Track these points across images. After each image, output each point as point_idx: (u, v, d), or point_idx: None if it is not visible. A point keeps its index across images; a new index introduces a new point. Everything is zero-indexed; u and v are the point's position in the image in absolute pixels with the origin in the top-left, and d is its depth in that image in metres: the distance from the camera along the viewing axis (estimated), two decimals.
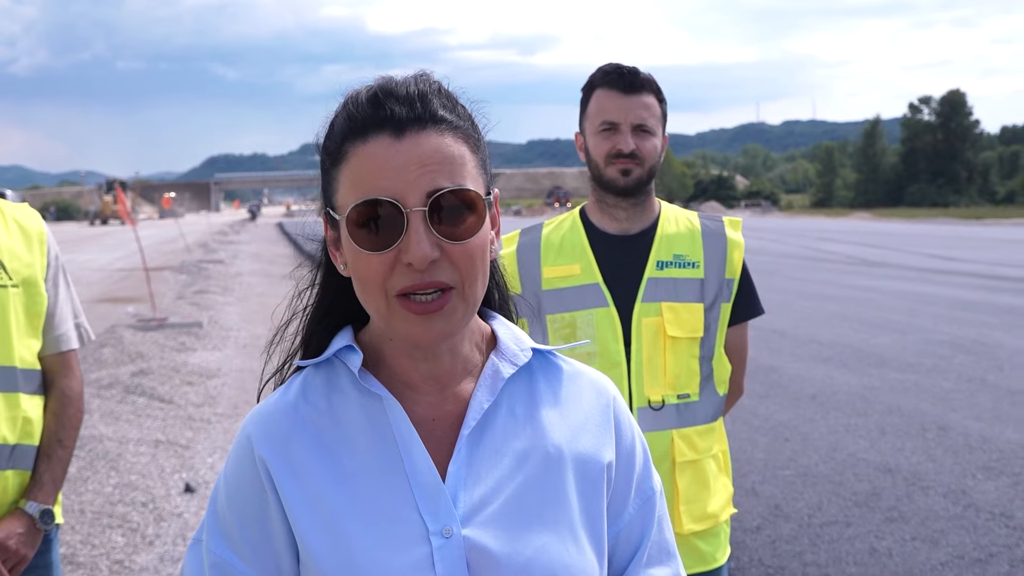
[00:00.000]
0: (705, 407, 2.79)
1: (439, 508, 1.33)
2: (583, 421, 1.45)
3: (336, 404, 1.40)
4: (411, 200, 1.29)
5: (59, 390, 2.84)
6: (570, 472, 1.40)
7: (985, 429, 8.42)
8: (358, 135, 1.33)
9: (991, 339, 13.17)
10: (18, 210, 2.86)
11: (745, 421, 8.75)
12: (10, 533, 2.68)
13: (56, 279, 2.87)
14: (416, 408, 1.39)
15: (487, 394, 1.40)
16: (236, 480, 1.39)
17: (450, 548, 1.31)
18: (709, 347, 2.79)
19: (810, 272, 25.04)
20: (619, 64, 2.80)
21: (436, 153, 1.31)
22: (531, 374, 1.46)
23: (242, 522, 1.37)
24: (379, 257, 1.30)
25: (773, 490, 6.92)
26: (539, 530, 1.35)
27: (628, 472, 1.48)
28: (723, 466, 2.86)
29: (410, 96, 1.33)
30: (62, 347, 2.87)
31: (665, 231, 2.83)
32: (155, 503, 6.74)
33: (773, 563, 5.61)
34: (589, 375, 1.52)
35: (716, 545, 2.81)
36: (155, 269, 25.64)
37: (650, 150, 2.77)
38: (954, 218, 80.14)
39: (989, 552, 5.69)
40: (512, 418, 1.41)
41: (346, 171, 1.33)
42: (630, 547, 1.48)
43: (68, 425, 2.83)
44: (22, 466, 2.74)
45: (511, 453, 1.39)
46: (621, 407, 1.50)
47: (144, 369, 11.09)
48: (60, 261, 2.90)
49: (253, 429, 1.39)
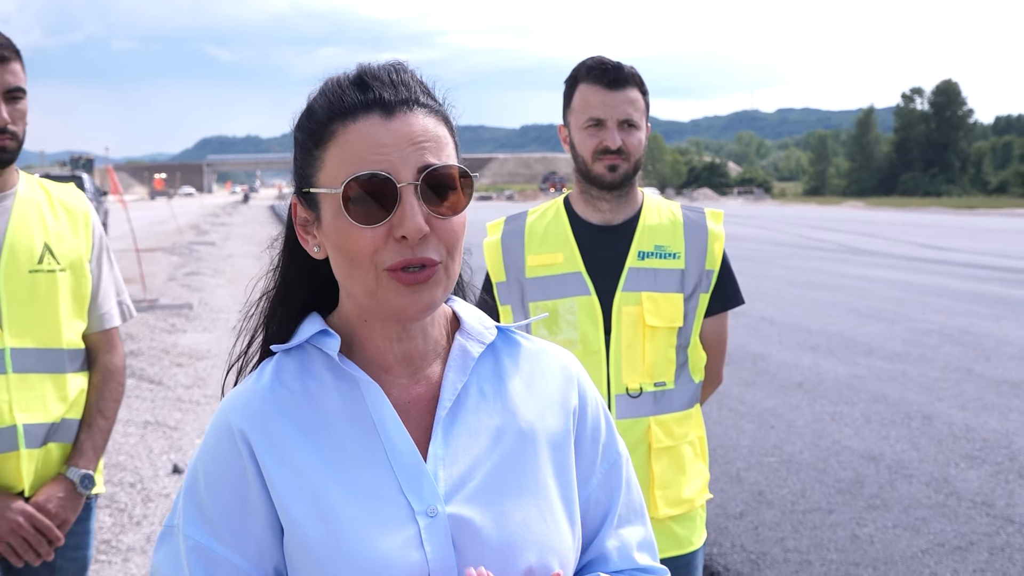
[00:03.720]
0: (681, 395, 2.83)
1: (423, 488, 1.35)
2: (549, 395, 1.49)
3: (311, 388, 1.41)
4: (404, 175, 1.33)
5: (102, 365, 2.94)
6: (543, 446, 1.45)
7: (969, 418, 8.48)
8: (347, 115, 1.36)
9: (979, 329, 13.23)
10: (64, 192, 2.93)
11: (731, 408, 8.80)
12: (50, 497, 2.77)
13: (100, 259, 2.94)
14: (391, 391, 1.42)
15: (459, 374, 1.44)
16: (215, 463, 1.38)
17: (436, 526, 1.34)
18: (686, 336, 2.83)
19: (801, 260, 25.08)
20: (603, 58, 2.81)
21: (424, 132, 1.35)
22: (495, 353, 1.50)
23: (222, 504, 1.36)
24: (371, 231, 1.32)
25: (757, 476, 6.97)
26: (519, 504, 1.39)
27: (594, 440, 1.52)
28: (699, 452, 2.91)
29: (393, 80, 1.38)
30: (106, 325, 2.95)
31: (647, 222, 2.86)
32: (143, 484, 6.78)
33: (755, 549, 5.66)
34: (551, 351, 1.56)
35: (692, 529, 2.85)
36: (146, 250, 25.60)
37: (636, 144, 2.80)
38: (946, 207, 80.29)
39: (969, 540, 5.74)
40: (482, 397, 1.45)
41: (333, 149, 1.36)
42: (600, 510, 1.52)
43: (110, 398, 2.93)
44: (65, 439, 2.84)
45: (485, 431, 1.42)
46: (584, 380, 1.55)
47: (134, 350, 11.11)
48: (104, 241, 2.97)
49: (231, 411, 1.39)
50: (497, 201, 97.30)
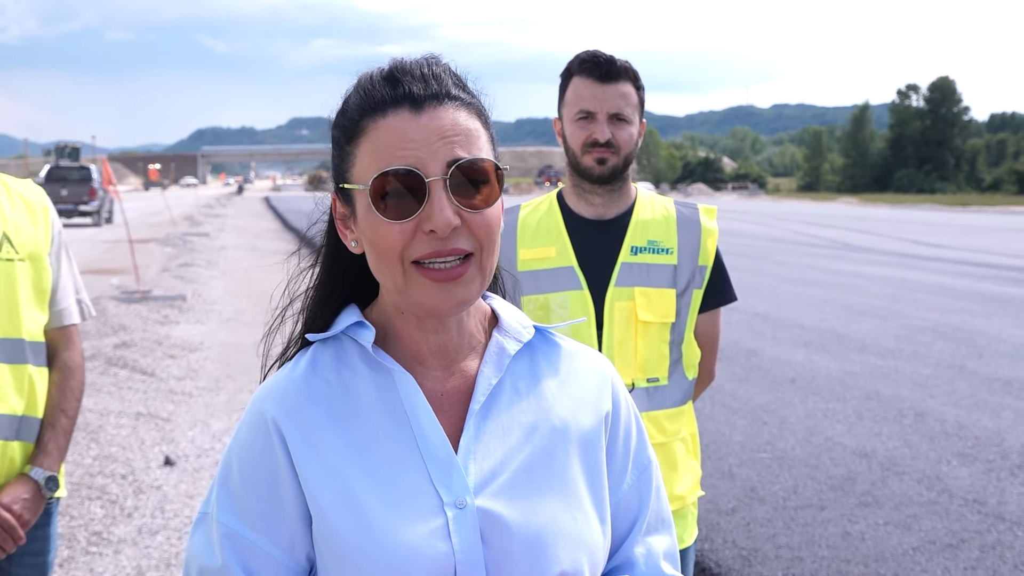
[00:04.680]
0: (674, 391, 2.83)
1: (452, 480, 1.37)
2: (583, 396, 1.50)
3: (346, 378, 1.44)
4: (432, 169, 1.34)
5: (62, 362, 2.88)
6: (574, 444, 1.46)
7: (962, 416, 8.49)
8: (377, 111, 1.37)
9: (972, 326, 13.25)
10: (22, 185, 2.89)
11: (723, 404, 8.81)
12: (15, 498, 2.72)
13: (59, 254, 2.90)
14: (424, 383, 1.43)
15: (494, 370, 1.45)
16: (248, 452, 1.41)
17: (464, 518, 1.35)
18: (679, 332, 2.83)
19: (795, 256, 25.10)
20: (596, 52, 2.82)
21: (454, 126, 1.36)
22: (532, 352, 1.51)
23: (255, 493, 1.39)
24: (400, 226, 1.34)
25: (749, 473, 6.97)
26: (548, 500, 1.40)
27: (626, 446, 1.53)
28: (691, 449, 2.91)
29: (424, 75, 1.39)
30: (64, 321, 2.90)
31: (640, 217, 2.86)
32: (135, 475, 6.76)
33: (747, 545, 5.66)
34: (587, 354, 1.57)
35: (683, 527, 2.86)
36: (140, 241, 25.57)
37: (626, 138, 2.79)
38: (940, 204, 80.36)
39: (961, 538, 5.75)
40: (516, 394, 1.46)
41: (364, 145, 1.38)
42: (629, 516, 1.53)
43: (71, 396, 2.88)
44: (27, 437, 2.78)
45: (518, 427, 1.43)
46: (618, 384, 1.56)
47: (127, 341, 11.09)
48: (63, 236, 2.92)
49: (267, 401, 1.42)
50: None
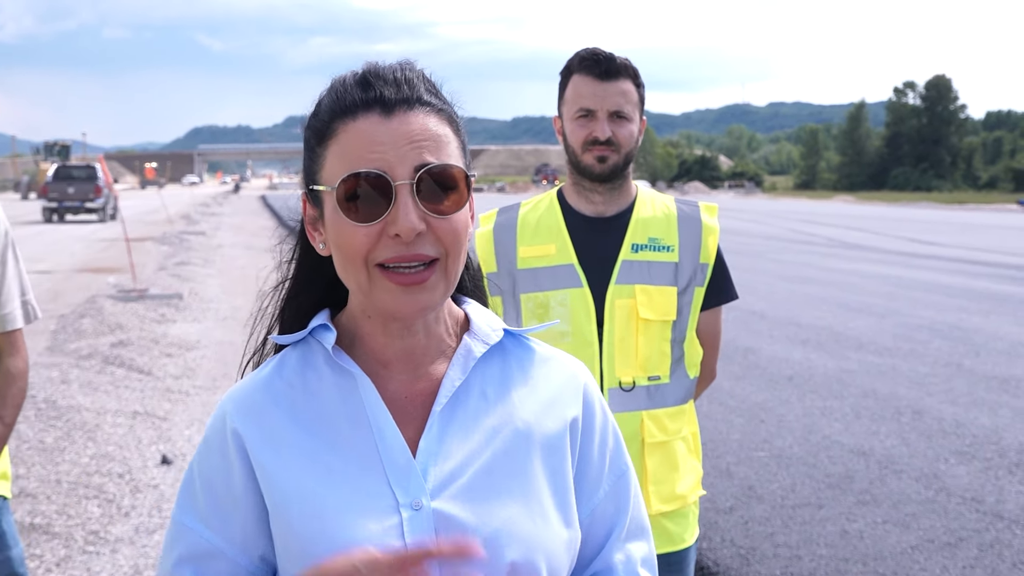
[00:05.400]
0: (675, 389, 2.82)
1: (409, 482, 1.37)
2: (550, 400, 1.49)
3: (310, 381, 1.45)
4: (399, 174, 1.33)
5: (4, 368, 2.80)
6: (538, 448, 1.45)
7: (959, 414, 8.49)
8: (347, 113, 1.37)
9: (969, 324, 13.25)
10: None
11: (721, 402, 8.80)
12: None
13: (5, 256, 2.82)
14: (389, 386, 1.44)
15: (459, 372, 1.45)
16: (207, 452, 1.44)
17: (419, 519, 1.35)
18: (681, 330, 2.82)
19: (791, 254, 25.11)
20: (596, 49, 2.80)
21: (423, 131, 1.36)
22: (505, 357, 1.51)
23: (211, 492, 1.43)
24: (365, 229, 1.34)
25: (747, 471, 6.97)
26: (507, 502, 1.39)
27: (601, 452, 1.52)
28: (693, 448, 2.90)
29: (397, 79, 1.39)
30: (8, 326, 2.82)
31: (641, 214, 2.85)
32: (132, 474, 6.75)
33: (745, 544, 5.66)
34: (561, 359, 1.56)
35: (684, 526, 2.85)
36: (136, 240, 25.55)
37: (626, 136, 2.78)
38: (936, 202, 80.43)
39: (959, 536, 5.75)
40: (483, 398, 1.46)
41: (334, 147, 1.38)
42: (606, 522, 1.51)
43: (11, 403, 2.80)
44: None
45: (481, 430, 1.43)
46: (592, 390, 1.55)
47: (123, 340, 11.07)
48: (10, 237, 2.84)
49: (228, 404, 1.45)
50: (488, 193, 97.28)
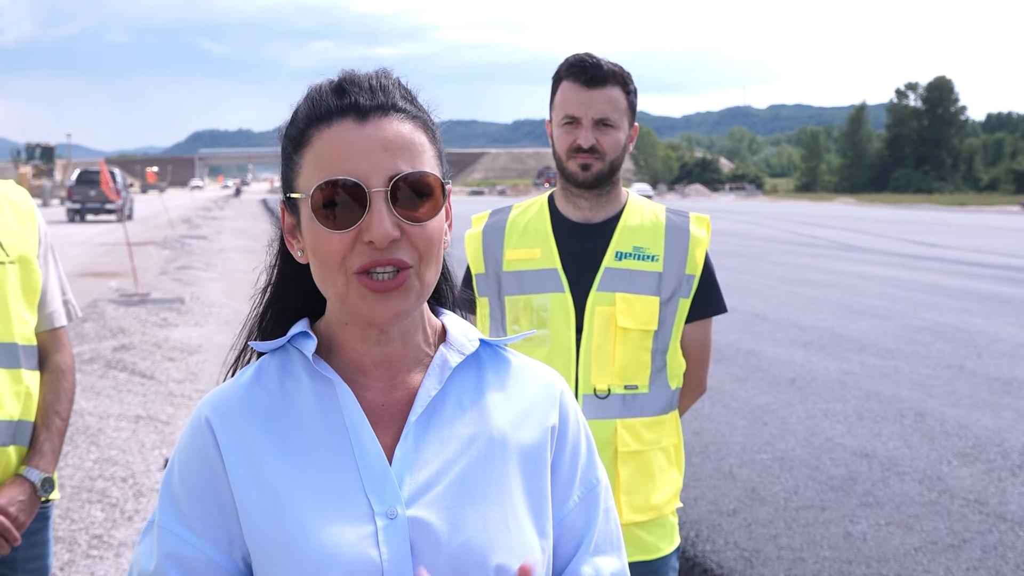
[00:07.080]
0: (655, 399, 2.79)
1: (385, 490, 1.37)
2: (527, 410, 1.50)
3: (288, 388, 1.45)
4: (374, 181, 1.34)
5: (53, 364, 2.88)
6: (514, 457, 1.45)
7: (962, 416, 8.49)
8: (322, 120, 1.38)
9: (971, 326, 13.25)
10: (9, 189, 2.87)
11: (723, 404, 8.80)
12: (11, 499, 2.70)
13: (46, 256, 2.88)
14: (366, 394, 1.44)
15: (435, 382, 1.45)
16: (188, 457, 1.43)
17: (394, 528, 1.35)
18: (664, 341, 2.80)
19: (793, 256, 25.11)
20: (584, 56, 2.77)
21: (398, 138, 1.37)
22: (480, 366, 1.52)
23: (194, 496, 1.41)
24: (340, 236, 1.34)
25: (750, 474, 6.96)
26: (481, 510, 1.40)
27: (572, 463, 1.52)
28: (673, 460, 2.86)
29: (372, 87, 1.40)
30: (54, 323, 2.89)
31: (628, 222, 2.84)
32: (135, 478, 6.75)
33: (748, 546, 5.66)
34: (537, 368, 1.57)
35: (660, 535, 2.81)
36: (138, 244, 25.55)
37: (611, 144, 2.76)
38: (938, 204, 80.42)
39: (962, 538, 5.75)
40: (459, 407, 1.46)
41: (309, 155, 1.39)
42: (575, 534, 1.51)
43: (64, 397, 2.87)
44: (22, 442, 2.77)
45: (456, 438, 1.44)
46: (567, 400, 1.55)
47: (126, 344, 11.08)
48: (49, 239, 2.91)
49: (206, 409, 1.44)
50: (489, 196, 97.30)
